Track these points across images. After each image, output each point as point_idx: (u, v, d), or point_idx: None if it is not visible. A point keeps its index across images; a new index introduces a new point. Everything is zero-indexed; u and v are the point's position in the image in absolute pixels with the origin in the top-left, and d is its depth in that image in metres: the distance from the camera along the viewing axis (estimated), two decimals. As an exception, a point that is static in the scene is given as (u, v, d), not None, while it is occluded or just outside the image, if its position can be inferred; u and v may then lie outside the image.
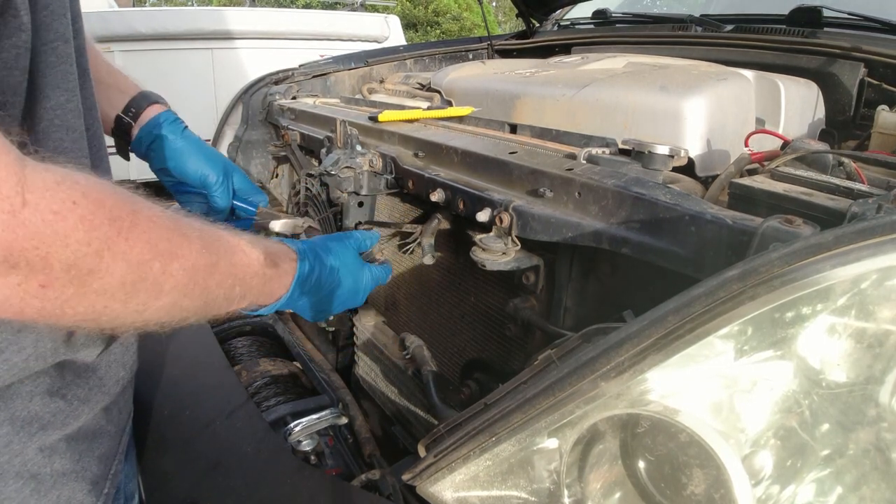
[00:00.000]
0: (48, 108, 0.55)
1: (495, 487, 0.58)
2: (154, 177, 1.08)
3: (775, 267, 0.43)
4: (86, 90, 0.63)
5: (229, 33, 4.80)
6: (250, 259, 0.62)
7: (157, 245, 0.48)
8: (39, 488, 0.60)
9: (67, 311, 0.44)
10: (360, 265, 0.84)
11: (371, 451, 1.03)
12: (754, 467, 0.49)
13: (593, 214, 0.73)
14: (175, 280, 0.50)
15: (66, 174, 0.43)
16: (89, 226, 0.43)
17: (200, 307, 0.56)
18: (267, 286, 0.67)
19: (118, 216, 0.45)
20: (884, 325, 0.45)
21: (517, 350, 0.93)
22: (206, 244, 0.55)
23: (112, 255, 0.45)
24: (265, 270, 0.65)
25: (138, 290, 0.48)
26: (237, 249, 0.60)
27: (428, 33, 15.38)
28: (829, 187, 0.67)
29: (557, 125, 1.06)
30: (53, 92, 0.56)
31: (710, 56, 1.45)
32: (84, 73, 0.63)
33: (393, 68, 2.03)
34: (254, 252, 0.63)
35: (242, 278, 0.60)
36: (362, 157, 1.06)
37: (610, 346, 0.48)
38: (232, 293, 0.59)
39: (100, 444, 0.68)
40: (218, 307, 0.58)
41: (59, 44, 0.55)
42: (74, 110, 0.58)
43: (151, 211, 0.50)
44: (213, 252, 0.56)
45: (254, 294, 0.64)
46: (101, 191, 0.45)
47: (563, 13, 2.24)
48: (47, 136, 0.56)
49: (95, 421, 0.67)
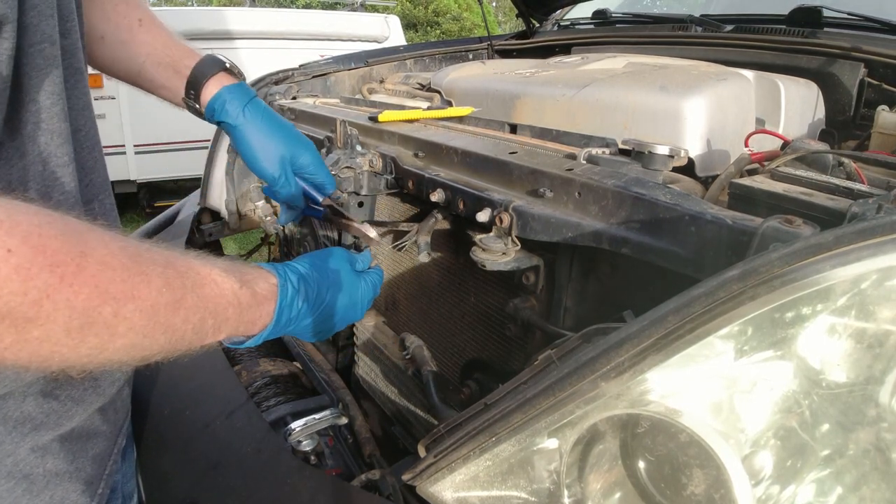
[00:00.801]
0: (34, 111, 0.54)
1: (495, 487, 0.58)
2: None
3: (775, 267, 0.43)
4: (78, 90, 0.62)
5: (229, 33, 4.80)
6: (222, 290, 0.58)
7: (108, 289, 0.45)
8: (32, 488, 0.60)
9: (8, 356, 0.42)
10: (354, 277, 0.79)
11: (371, 451, 1.03)
12: (754, 467, 0.49)
13: (593, 214, 0.73)
14: (130, 322, 0.47)
15: (6, 216, 0.41)
16: (26, 275, 0.40)
17: (165, 344, 0.52)
18: (245, 315, 0.62)
19: (61, 261, 0.43)
20: (884, 326, 0.45)
21: (517, 350, 0.93)
22: (168, 281, 0.51)
23: (53, 304, 0.42)
24: (241, 299, 0.61)
25: (87, 335, 0.45)
26: (207, 281, 0.57)
27: (428, 33, 15.38)
28: (829, 187, 0.67)
29: (557, 125, 1.06)
30: (39, 95, 0.55)
31: (710, 56, 1.45)
32: (76, 73, 0.62)
33: (393, 68, 2.03)
34: (226, 282, 0.59)
35: (214, 310, 0.57)
36: (362, 157, 1.06)
37: (610, 346, 0.48)
38: (203, 327, 0.56)
39: (94, 444, 0.68)
40: (188, 342, 0.55)
41: (45, 46, 0.54)
42: (60, 113, 0.57)
43: (106, 249, 0.47)
44: (178, 288, 0.52)
45: (230, 325, 0.60)
46: (45, 233, 0.42)
47: (563, 13, 2.24)
48: (33, 139, 0.55)
49: (90, 421, 0.67)
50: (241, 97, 0.89)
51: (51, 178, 0.58)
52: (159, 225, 1.79)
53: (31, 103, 0.54)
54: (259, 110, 0.90)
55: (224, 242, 2.04)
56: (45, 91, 0.55)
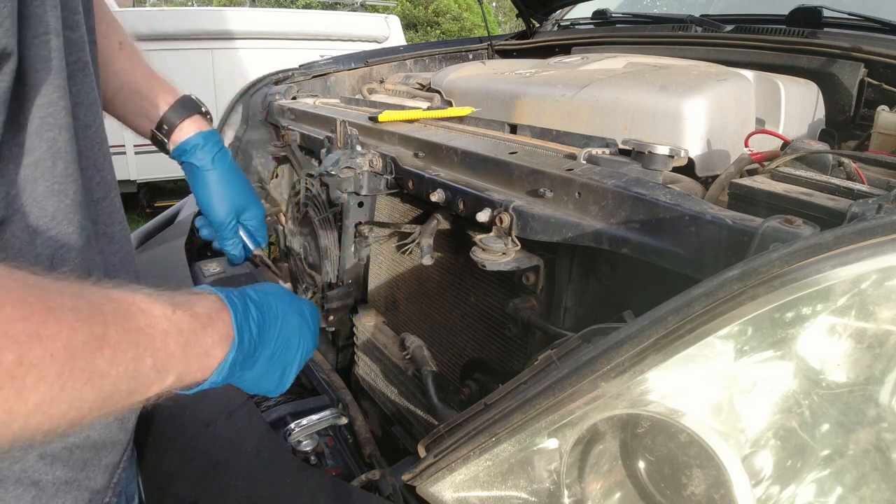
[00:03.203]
0: (40, 105, 0.51)
1: (495, 488, 0.58)
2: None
3: (775, 267, 0.43)
4: (86, 84, 0.61)
5: (229, 33, 4.81)
6: (152, 318, 0.47)
7: (7, 330, 0.36)
8: (41, 496, 0.59)
9: None
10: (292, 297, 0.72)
11: (371, 451, 1.03)
12: (754, 467, 0.49)
13: (593, 215, 0.73)
14: (40, 370, 0.37)
15: None
16: None
17: (95, 399, 0.41)
18: (193, 346, 0.51)
19: None
20: (884, 326, 0.45)
21: (517, 350, 0.93)
22: (81, 315, 0.41)
23: None
24: (180, 325, 0.49)
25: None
26: (132, 310, 0.46)
27: (428, 33, 15.38)
28: (829, 188, 0.67)
29: (557, 125, 1.06)
30: (46, 88, 0.52)
31: (710, 56, 1.45)
32: (84, 67, 0.60)
33: (393, 68, 2.03)
34: (156, 307, 0.48)
35: (149, 345, 0.46)
36: (362, 157, 1.06)
37: (610, 346, 0.48)
38: (140, 369, 0.45)
39: (108, 453, 0.67)
40: (126, 392, 0.44)
41: (50, 37, 0.52)
42: (66, 108, 0.55)
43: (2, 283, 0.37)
44: (97, 322, 0.42)
45: (178, 364, 0.49)
46: None
47: (563, 13, 2.24)
48: (40, 135, 0.52)
49: (107, 431, 0.66)
50: (214, 145, 0.97)
51: (61, 175, 0.56)
52: (159, 225, 1.78)
53: (39, 97, 0.52)
54: (226, 160, 1.00)
55: (224, 242, 2.04)
56: (52, 85, 0.53)
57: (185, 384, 0.52)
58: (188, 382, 0.52)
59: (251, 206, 1.05)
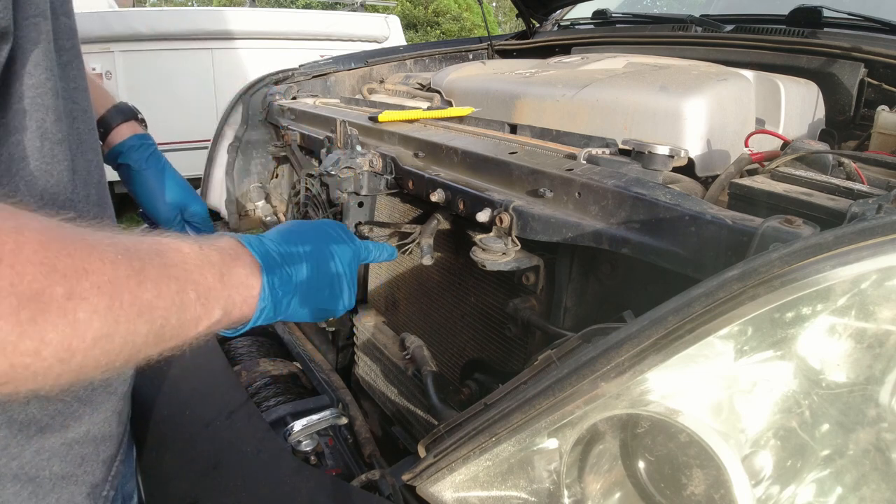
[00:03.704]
0: (30, 85, 0.51)
1: (495, 488, 0.58)
2: None
3: (775, 267, 0.43)
4: (74, 69, 0.60)
5: (229, 33, 4.80)
6: (184, 253, 0.49)
7: (56, 265, 0.37)
8: (38, 491, 0.59)
9: None
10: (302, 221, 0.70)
11: (371, 451, 1.03)
12: (754, 467, 0.49)
13: (593, 215, 0.73)
14: (90, 304, 0.39)
15: None
16: None
17: (150, 334, 0.43)
18: (229, 277, 0.52)
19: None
20: (884, 326, 0.45)
21: (517, 350, 0.93)
22: (119, 252, 0.43)
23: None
24: (210, 258, 0.51)
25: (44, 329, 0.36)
26: (162, 248, 0.48)
27: (428, 33, 15.38)
28: (829, 188, 0.67)
29: (557, 125, 1.06)
30: (36, 69, 0.51)
31: (710, 56, 1.45)
32: (72, 50, 0.60)
33: (393, 68, 2.03)
34: (183, 244, 0.50)
35: (188, 278, 0.47)
36: (362, 157, 1.06)
37: (610, 346, 0.48)
38: (185, 301, 0.46)
39: (106, 447, 0.67)
40: (177, 325, 0.46)
41: (40, 20, 0.51)
42: (53, 89, 0.54)
43: (41, 224, 0.39)
44: (134, 258, 0.44)
45: (220, 296, 0.50)
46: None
47: (563, 13, 2.24)
48: (30, 115, 0.52)
49: (106, 425, 0.66)
50: (149, 146, 1.01)
51: (49, 155, 0.55)
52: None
53: (28, 76, 0.51)
54: (160, 161, 1.04)
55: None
56: (41, 66, 0.52)
57: (234, 319, 0.53)
58: (237, 317, 0.53)
59: (192, 203, 1.07)
